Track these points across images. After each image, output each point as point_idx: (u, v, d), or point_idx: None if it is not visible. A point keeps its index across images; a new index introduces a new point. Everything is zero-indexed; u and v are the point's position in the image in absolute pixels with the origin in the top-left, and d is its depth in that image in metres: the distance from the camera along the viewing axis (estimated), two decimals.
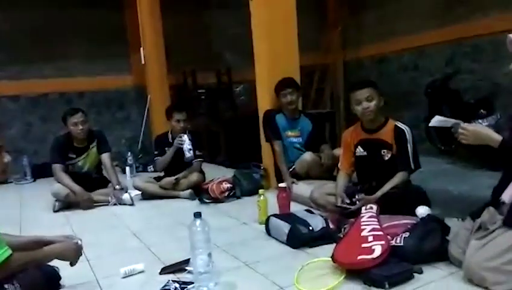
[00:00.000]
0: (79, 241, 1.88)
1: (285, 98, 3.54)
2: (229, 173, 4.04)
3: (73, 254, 1.82)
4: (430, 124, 1.93)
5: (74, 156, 3.82)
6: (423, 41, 5.62)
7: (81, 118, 3.73)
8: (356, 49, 6.85)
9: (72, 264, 1.83)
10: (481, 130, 1.75)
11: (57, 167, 3.73)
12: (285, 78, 3.60)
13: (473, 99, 4.43)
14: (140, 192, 3.91)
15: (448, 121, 1.88)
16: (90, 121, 3.97)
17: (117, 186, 3.76)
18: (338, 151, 3.11)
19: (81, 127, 3.71)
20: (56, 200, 3.71)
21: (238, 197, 3.63)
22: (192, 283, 1.89)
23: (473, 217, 1.82)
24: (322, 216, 2.51)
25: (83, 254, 1.98)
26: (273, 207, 2.83)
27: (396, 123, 2.59)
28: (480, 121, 3.85)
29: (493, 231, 1.65)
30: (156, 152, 4.00)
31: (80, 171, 3.85)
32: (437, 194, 2.90)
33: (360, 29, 6.80)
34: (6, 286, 1.56)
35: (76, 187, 3.66)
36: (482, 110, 4.05)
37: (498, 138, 1.70)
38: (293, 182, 3.37)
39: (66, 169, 3.77)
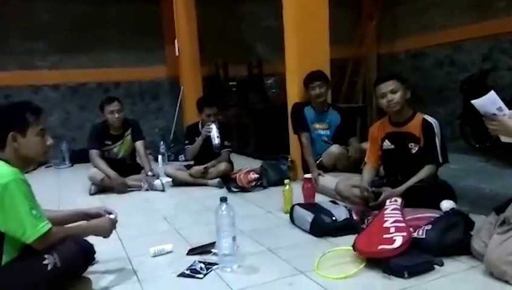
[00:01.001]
0: (113, 215, 2.00)
1: (313, 91, 3.57)
2: (257, 164, 4.11)
3: (108, 230, 1.94)
4: (472, 101, 1.86)
5: (110, 142, 4.00)
6: (460, 36, 5.47)
7: (117, 107, 3.89)
8: (391, 43, 6.74)
9: (105, 237, 1.95)
10: (509, 124, 1.72)
11: (94, 153, 3.92)
12: (314, 71, 3.61)
13: (508, 97, 4.29)
14: (171, 179, 4.05)
15: (492, 106, 1.78)
16: (125, 110, 4.14)
17: (149, 173, 3.91)
18: (366, 145, 3.11)
19: (117, 115, 3.88)
20: (92, 184, 3.90)
21: (265, 187, 3.70)
22: (217, 264, 1.99)
23: (497, 211, 1.81)
24: (346, 207, 2.54)
25: (116, 234, 2.11)
26: (299, 197, 2.88)
27: (424, 116, 2.57)
28: None
29: None
30: (186, 141, 4.12)
31: (115, 158, 4.03)
32: (469, 191, 2.86)
33: (395, 22, 6.68)
34: (46, 256, 1.69)
35: (112, 172, 3.83)
36: None
37: None
38: (319, 174, 3.40)
39: (102, 155, 3.95)
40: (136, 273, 2.02)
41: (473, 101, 1.83)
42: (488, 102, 1.77)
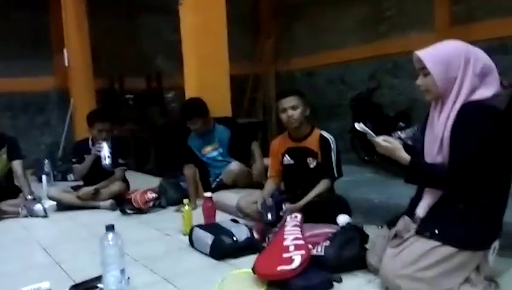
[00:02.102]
0: None
1: (189, 126, 3.44)
2: (157, 181, 3.86)
3: None
4: (355, 125, 1.92)
5: None
6: (349, 56, 5.89)
7: None
8: (287, 61, 7.01)
9: None
10: (391, 149, 1.77)
11: None
12: (185, 106, 3.47)
13: (392, 113, 4.69)
14: (55, 202, 3.62)
15: (367, 132, 1.89)
16: (4, 125, 3.64)
17: (29, 196, 3.45)
18: (268, 162, 3.08)
19: None
20: None
21: (164, 207, 3.48)
22: None
23: (389, 225, 1.87)
24: (247, 226, 2.46)
25: None
26: (199, 217, 2.74)
27: (321, 132, 2.65)
28: (399, 133, 4.08)
29: (407, 239, 1.70)
30: (74, 159, 3.74)
31: None
32: (359, 202, 3.00)
33: (291, 41, 6.97)
34: None
35: None
36: (401, 123, 4.31)
37: (406, 157, 1.73)
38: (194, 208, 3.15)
39: None
40: None
41: (356, 125, 1.90)
42: (362, 128, 1.85)
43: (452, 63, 1.63)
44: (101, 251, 1.70)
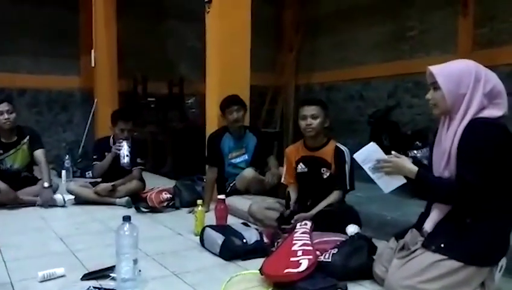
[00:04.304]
0: None
1: (231, 116, 3.49)
2: (172, 184, 3.94)
3: None
4: (355, 155, 1.94)
5: (1, 151, 3.61)
6: (370, 73, 5.91)
7: (6, 107, 3.55)
8: (308, 75, 7.06)
9: None
10: (397, 161, 1.82)
11: None
12: (231, 96, 3.55)
13: (410, 131, 4.69)
14: (73, 196, 3.73)
15: (374, 154, 1.85)
16: (29, 120, 3.77)
17: (45, 184, 3.56)
18: (283, 170, 3.10)
19: (6, 116, 3.53)
20: None
21: (177, 208, 3.55)
22: None
23: (397, 238, 1.89)
24: (258, 230, 2.51)
25: None
26: (211, 220, 2.80)
27: (337, 144, 2.70)
28: (415, 152, 4.08)
29: (414, 251, 1.73)
30: (94, 156, 3.85)
31: (8, 169, 3.63)
32: (370, 217, 3.00)
33: (313, 55, 7.04)
34: None
35: (2, 185, 3.43)
36: (417, 142, 4.30)
37: (414, 169, 1.77)
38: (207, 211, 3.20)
39: None
40: None
41: (354, 155, 1.93)
42: (369, 152, 1.87)
43: (462, 80, 1.67)
44: (116, 240, 1.77)
